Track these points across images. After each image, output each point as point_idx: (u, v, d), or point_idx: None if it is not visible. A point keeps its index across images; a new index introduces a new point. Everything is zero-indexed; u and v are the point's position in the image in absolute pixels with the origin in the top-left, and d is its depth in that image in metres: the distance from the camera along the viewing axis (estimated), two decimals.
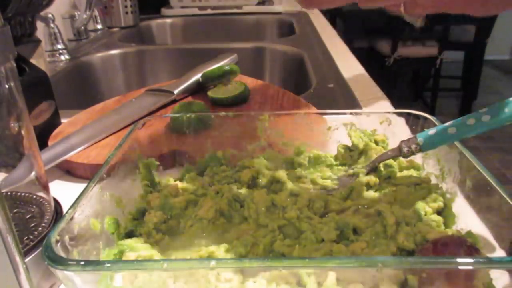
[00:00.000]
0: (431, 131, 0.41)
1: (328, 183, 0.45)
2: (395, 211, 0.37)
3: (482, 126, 0.38)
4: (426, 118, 0.46)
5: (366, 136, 0.48)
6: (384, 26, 3.02)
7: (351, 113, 0.49)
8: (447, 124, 0.40)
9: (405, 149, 0.41)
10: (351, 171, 0.45)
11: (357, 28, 3.20)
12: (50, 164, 0.52)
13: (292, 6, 1.75)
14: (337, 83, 0.87)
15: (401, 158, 0.47)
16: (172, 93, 0.72)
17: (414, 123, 0.47)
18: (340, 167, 0.47)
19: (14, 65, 0.35)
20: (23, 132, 0.38)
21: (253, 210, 0.39)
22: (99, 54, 1.17)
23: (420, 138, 0.41)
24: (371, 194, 0.42)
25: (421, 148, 0.41)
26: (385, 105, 0.76)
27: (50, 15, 1.06)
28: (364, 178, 0.43)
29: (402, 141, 0.42)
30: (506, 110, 0.37)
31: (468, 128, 0.39)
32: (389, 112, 0.48)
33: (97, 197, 0.36)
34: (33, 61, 0.68)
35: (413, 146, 0.41)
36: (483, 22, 3.00)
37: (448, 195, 0.40)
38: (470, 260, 0.28)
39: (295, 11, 1.70)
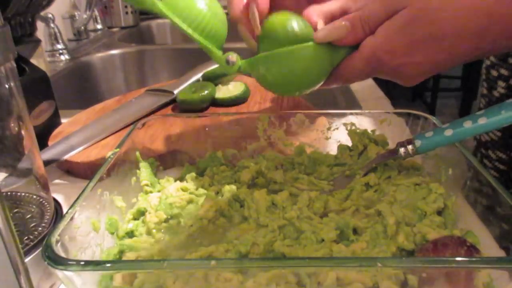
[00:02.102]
0: (428, 133, 0.41)
1: (324, 184, 0.45)
2: (395, 211, 0.37)
3: (479, 128, 0.38)
4: (426, 118, 0.46)
5: (366, 136, 0.48)
6: None
7: (351, 113, 0.49)
8: (444, 126, 0.40)
9: (402, 151, 0.41)
10: (348, 172, 0.45)
11: None
12: (50, 164, 0.52)
13: None
14: None
15: None
16: (172, 93, 0.72)
17: (414, 123, 0.47)
18: (340, 167, 0.47)
19: (14, 65, 0.35)
20: (23, 132, 0.38)
21: (253, 210, 0.39)
22: (99, 54, 1.17)
23: (417, 140, 0.41)
24: (371, 194, 0.42)
25: (418, 150, 0.41)
26: (385, 105, 0.76)
27: (50, 15, 1.06)
28: (362, 180, 0.43)
29: (399, 143, 0.42)
30: (503, 112, 0.37)
31: (465, 130, 0.39)
32: (389, 112, 0.48)
33: (97, 197, 0.36)
34: (33, 61, 0.68)
35: (410, 148, 0.41)
36: None
37: (448, 195, 0.40)
38: (470, 260, 0.28)
39: None
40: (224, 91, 0.69)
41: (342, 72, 0.42)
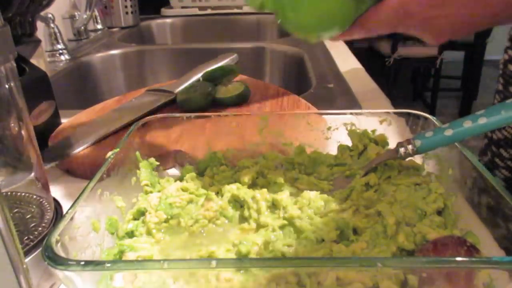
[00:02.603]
0: (428, 133, 0.41)
1: (324, 184, 0.45)
2: (395, 211, 0.37)
3: (478, 128, 0.38)
4: (426, 118, 0.46)
5: (366, 136, 0.48)
6: None
7: (351, 113, 0.49)
8: (444, 126, 0.40)
9: (402, 151, 0.41)
10: (348, 172, 0.45)
11: None
12: (50, 164, 0.52)
13: None
14: (337, 83, 0.87)
15: None
16: (172, 93, 0.72)
17: (414, 123, 0.47)
18: (340, 167, 0.47)
19: (14, 65, 0.35)
20: (23, 132, 0.38)
21: (253, 210, 0.39)
22: (99, 54, 1.17)
23: (417, 140, 0.41)
24: (371, 194, 0.42)
25: (418, 150, 0.41)
26: (385, 105, 0.76)
27: (50, 15, 1.06)
28: (362, 180, 0.43)
29: (399, 143, 0.42)
30: (503, 112, 0.37)
31: (465, 130, 0.39)
32: (389, 112, 0.48)
33: (97, 197, 0.36)
34: (33, 61, 0.68)
35: (410, 148, 0.41)
36: None
37: (448, 195, 0.40)
38: (470, 260, 0.28)
39: None
40: (224, 91, 0.69)
41: (366, 21, 0.39)
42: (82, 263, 0.27)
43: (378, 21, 0.39)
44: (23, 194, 0.41)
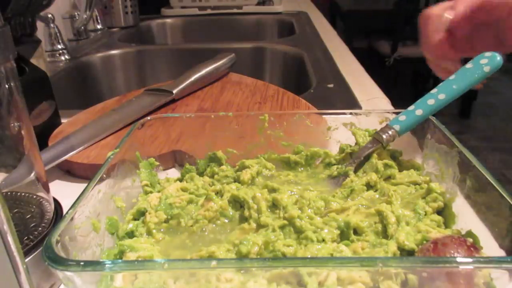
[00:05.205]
0: (401, 117, 0.45)
1: (323, 183, 0.45)
2: (395, 211, 0.37)
3: (441, 102, 0.44)
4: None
5: (368, 134, 0.48)
6: (384, 26, 3.01)
7: (351, 113, 0.49)
8: (411, 108, 0.45)
9: (384, 138, 0.44)
10: (341, 170, 0.45)
11: (357, 28, 3.20)
12: (50, 164, 0.52)
13: (292, 6, 1.75)
14: (337, 83, 0.87)
15: (401, 158, 0.47)
16: (171, 92, 0.72)
17: None
18: (339, 167, 0.47)
19: (14, 65, 0.35)
20: (23, 132, 0.38)
21: (254, 210, 0.39)
22: (99, 54, 1.17)
23: (395, 125, 0.45)
24: (371, 194, 0.42)
25: (398, 133, 0.45)
26: (385, 105, 0.76)
27: (50, 15, 1.06)
28: (362, 179, 0.43)
29: (377, 132, 0.45)
30: (454, 87, 0.43)
31: (431, 107, 0.44)
32: (389, 112, 0.48)
33: (97, 197, 0.36)
34: (33, 61, 0.68)
35: (391, 132, 0.45)
36: None
37: (448, 195, 0.40)
38: (470, 260, 0.28)
39: (295, 11, 1.70)
40: None
41: None
42: (82, 263, 0.27)
43: None
44: (23, 194, 0.41)
